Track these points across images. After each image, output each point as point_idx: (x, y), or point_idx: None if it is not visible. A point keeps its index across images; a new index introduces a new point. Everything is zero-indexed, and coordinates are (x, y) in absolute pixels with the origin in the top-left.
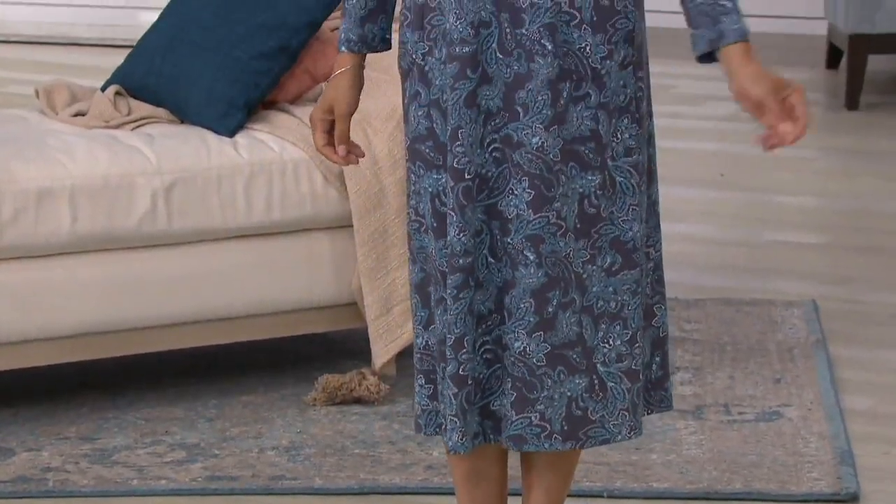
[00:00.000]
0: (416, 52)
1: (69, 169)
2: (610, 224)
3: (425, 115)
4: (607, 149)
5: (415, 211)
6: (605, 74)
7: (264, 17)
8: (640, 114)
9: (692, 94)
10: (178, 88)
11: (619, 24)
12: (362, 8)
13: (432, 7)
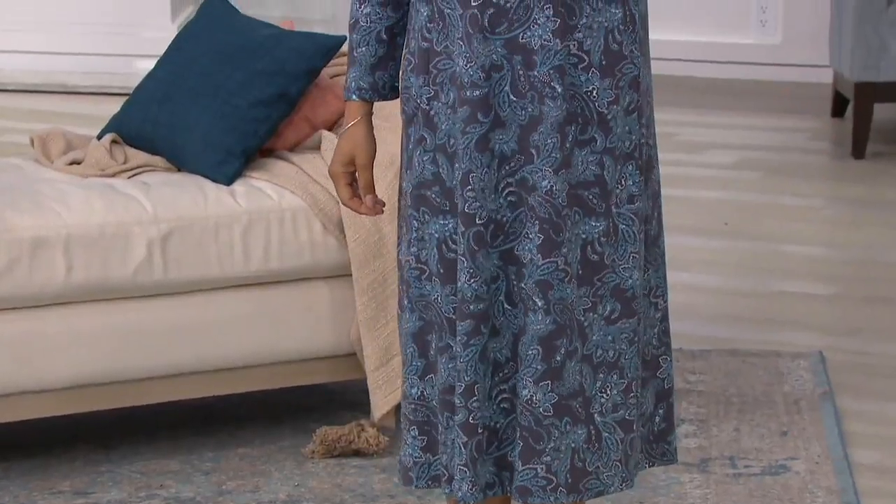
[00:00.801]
0: (421, 96)
1: (64, 218)
2: (612, 272)
3: (431, 160)
4: (612, 195)
5: (415, 258)
6: (612, 119)
7: (263, 63)
8: (643, 161)
9: (695, 142)
10: (175, 136)
11: (625, 69)
12: (372, 55)
13: (438, 51)
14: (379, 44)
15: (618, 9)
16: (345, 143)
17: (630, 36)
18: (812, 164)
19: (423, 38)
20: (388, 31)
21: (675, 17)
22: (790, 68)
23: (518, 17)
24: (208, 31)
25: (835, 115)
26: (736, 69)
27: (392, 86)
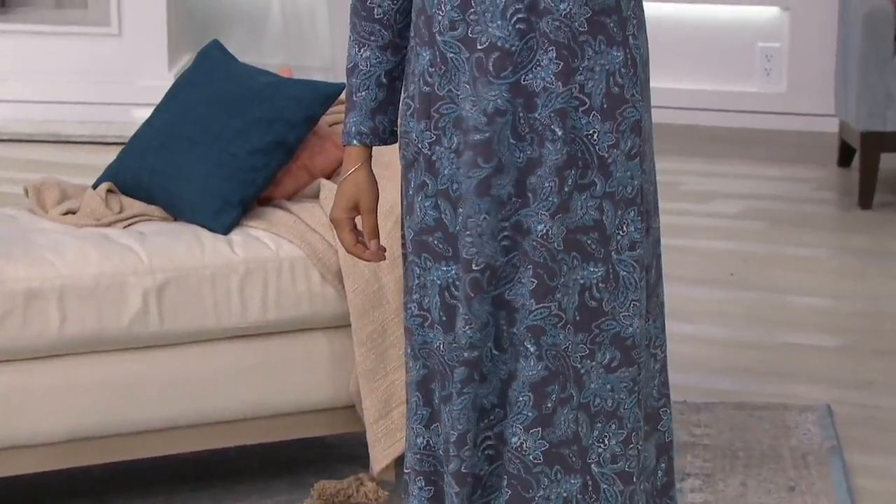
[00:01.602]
0: (422, 141)
1: (58, 268)
2: (612, 319)
3: (433, 205)
4: (611, 241)
5: (418, 305)
6: (612, 163)
7: (261, 111)
8: (645, 207)
9: (699, 192)
10: (172, 185)
11: (626, 112)
12: (373, 100)
13: (440, 95)
14: (379, 88)
15: (619, 52)
16: (347, 188)
17: (631, 79)
18: (818, 214)
19: (425, 82)
20: (387, 76)
21: (679, 65)
22: (795, 117)
23: (522, 60)
24: (206, 79)
25: (841, 164)
26: (740, 118)
27: (392, 130)
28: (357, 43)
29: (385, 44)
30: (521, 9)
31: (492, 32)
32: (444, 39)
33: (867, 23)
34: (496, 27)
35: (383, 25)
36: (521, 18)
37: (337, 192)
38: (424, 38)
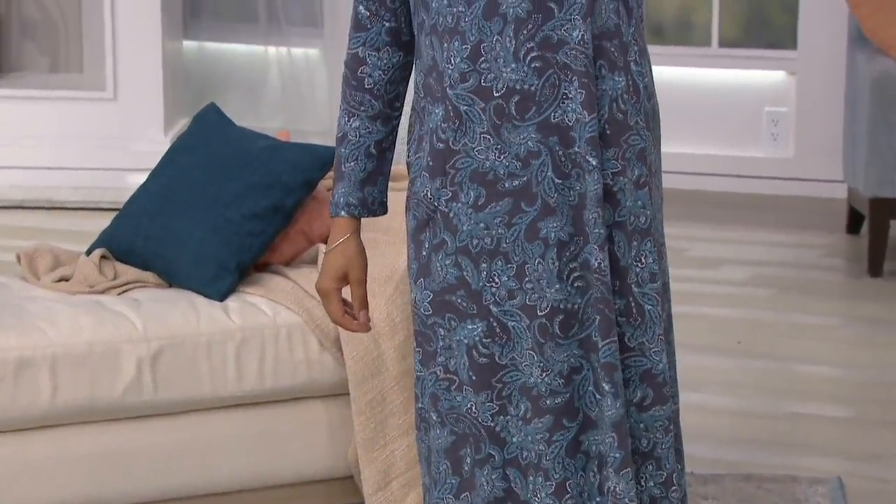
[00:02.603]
0: (438, 199)
1: (50, 337)
2: (641, 356)
3: (453, 263)
4: (629, 273)
5: (444, 368)
6: (619, 191)
7: (258, 175)
8: (658, 239)
9: (706, 258)
10: (167, 250)
11: (631, 140)
12: (361, 170)
13: (455, 150)
14: (368, 158)
15: (621, 77)
16: (336, 258)
17: (634, 106)
18: (827, 281)
19: (438, 139)
20: (377, 146)
21: (685, 129)
22: (803, 183)
23: (545, 97)
24: (202, 143)
25: (850, 231)
26: (748, 183)
27: (381, 202)
28: (347, 112)
29: (375, 114)
30: (533, 47)
31: (507, 77)
32: (455, 93)
33: (875, 87)
34: (511, 70)
35: (373, 95)
36: (536, 56)
37: (324, 263)
38: (436, 95)
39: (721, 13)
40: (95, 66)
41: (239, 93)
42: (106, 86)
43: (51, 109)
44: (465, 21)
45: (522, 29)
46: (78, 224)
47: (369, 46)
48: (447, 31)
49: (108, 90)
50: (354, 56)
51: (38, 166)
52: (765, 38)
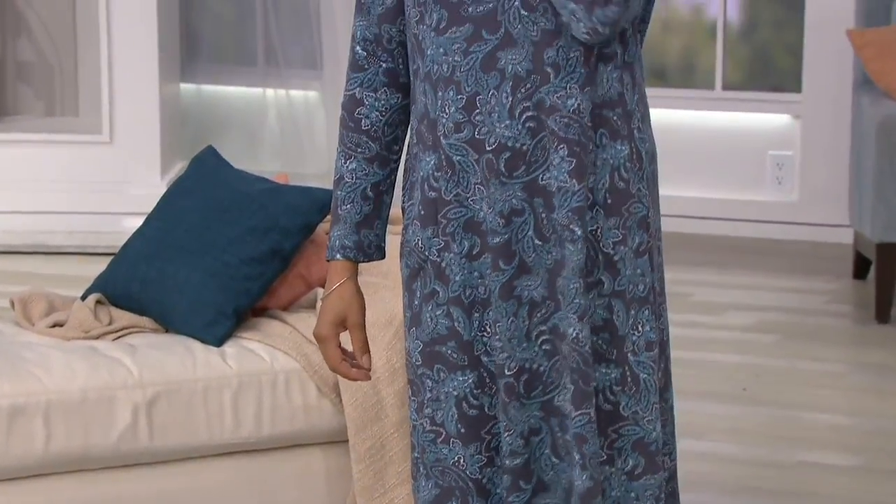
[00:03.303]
0: (430, 248)
1: (44, 383)
2: (634, 424)
3: (444, 314)
4: (626, 341)
5: (430, 420)
6: (619, 261)
7: (256, 219)
8: (657, 306)
9: (710, 303)
10: (163, 295)
11: (633, 208)
12: (357, 213)
13: (447, 200)
14: (364, 201)
15: (624, 146)
16: (333, 303)
17: (637, 174)
18: (833, 327)
19: (430, 187)
20: (374, 189)
21: (689, 172)
22: (808, 227)
23: (536, 158)
24: (199, 186)
25: (856, 276)
26: (752, 227)
27: (378, 245)
28: (344, 154)
29: (372, 156)
30: (529, 107)
31: (500, 132)
32: (449, 142)
33: (881, 131)
34: (504, 127)
35: (370, 137)
36: (531, 116)
37: (322, 308)
38: (428, 143)
39: (724, 56)
40: (91, 109)
41: (237, 135)
42: (102, 129)
43: (46, 153)
44: (461, 72)
45: (520, 87)
46: (73, 269)
47: (366, 87)
48: (442, 79)
49: (104, 133)
50: (351, 97)
51: (33, 211)
52: (769, 81)
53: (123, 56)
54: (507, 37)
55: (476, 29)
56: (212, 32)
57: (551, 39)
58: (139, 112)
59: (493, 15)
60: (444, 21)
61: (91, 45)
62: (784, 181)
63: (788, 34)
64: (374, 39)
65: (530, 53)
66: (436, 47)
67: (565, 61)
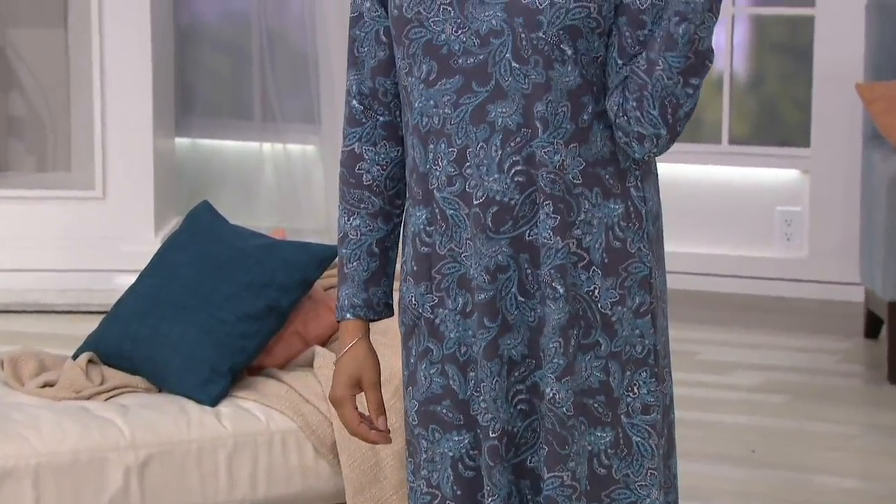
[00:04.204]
0: (423, 305)
1: (34, 445)
2: (625, 488)
3: (439, 372)
4: (620, 403)
5: (426, 482)
6: (617, 322)
7: (252, 275)
8: (658, 368)
9: (717, 362)
10: (157, 353)
11: (632, 268)
12: (365, 270)
13: (441, 255)
14: (371, 257)
15: (618, 204)
16: (347, 364)
17: (636, 233)
18: (844, 388)
19: (423, 242)
20: (379, 244)
21: (696, 228)
22: (818, 285)
23: (524, 213)
24: (194, 242)
25: (868, 335)
26: (760, 285)
27: (386, 303)
28: (346, 212)
29: (375, 211)
30: (518, 161)
31: (488, 186)
32: (442, 196)
33: (892, 186)
34: (493, 181)
35: (373, 192)
36: (521, 171)
37: (336, 370)
38: (418, 198)
39: (731, 109)
40: (84, 164)
41: (233, 190)
42: (95, 184)
43: (37, 209)
44: (452, 124)
45: (510, 141)
46: (64, 328)
47: (365, 142)
48: (433, 132)
49: (96, 189)
50: (351, 153)
51: (24, 268)
52: (777, 136)
53: (117, 110)
54: (498, 89)
55: (466, 81)
56: (207, 86)
57: (541, 93)
58: (133, 167)
59: (483, 67)
60: (433, 73)
61: (84, 98)
62: (793, 237)
63: (796, 87)
64: (369, 93)
65: (521, 106)
66: (425, 99)
67: (553, 116)
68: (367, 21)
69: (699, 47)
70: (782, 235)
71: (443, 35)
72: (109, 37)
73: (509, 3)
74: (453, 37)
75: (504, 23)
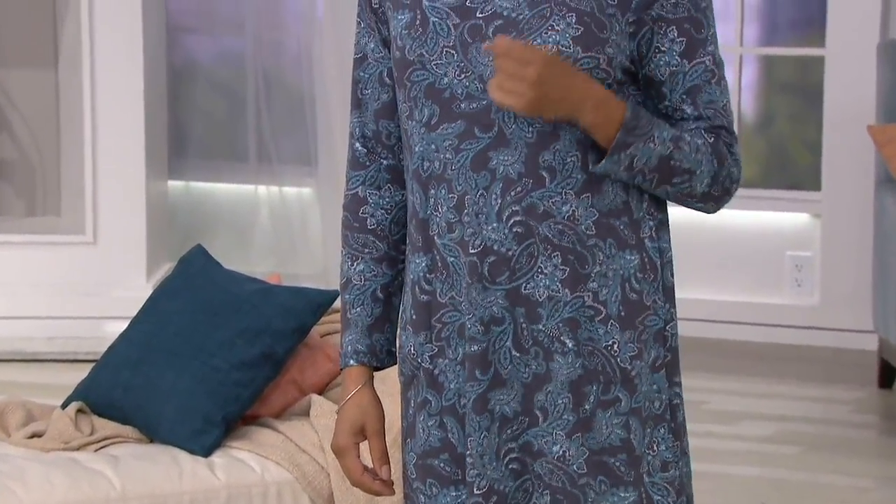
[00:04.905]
0: (422, 354)
1: (21, 498)
2: None
3: (437, 424)
4: (642, 462)
5: None
6: (636, 376)
7: (247, 321)
8: (676, 424)
9: (727, 412)
10: (148, 402)
11: (648, 321)
12: (368, 316)
13: (442, 303)
14: (375, 303)
15: (633, 255)
16: (350, 411)
17: (651, 284)
18: (858, 439)
19: (423, 290)
20: (383, 290)
21: (704, 274)
22: (830, 332)
23: (521, 266)
24: (187, 287)
25: (882, 385)
26: (770, 332)
27: (389, 350)
28: (350, 257)
29: (380, 256)
30: (518, 211)
31: (486, 235)
32: (443, 242)
33: None
34: (491, 230)
35: (377, 237)
36: (519, 221)
37: (339, 418)
38: (418, 244)
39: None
40: (74, 208)
41: (227, 234)
42: (85, 229)
43: (26, 254)
44: (452, 169)
45: (510, 190)
46: (53, 377)
47: (369, 185)
48: (434, 177)
49: (87, 233)
50: (354, 196)
51: (11, 316)
52: (787, 179)
53: (108, 152)
54: (501, 136)
55: (468, 126)
56: (201, 127)
57: (548, 142)
58: (124, 211)
59: (486, 112)
60: (435, 117)
61: (74, 141)
62: (804, 283)
63: (806, 129)
64: (372, 136)
65: (524, 155)
66: (426, 144)
67: (562, 166)
68: (371, 62)
69: (725, 187)
70: (793, 281)
71: (445, 78)
72: (101, 77)
73: None
74: (456, 81)
75: None
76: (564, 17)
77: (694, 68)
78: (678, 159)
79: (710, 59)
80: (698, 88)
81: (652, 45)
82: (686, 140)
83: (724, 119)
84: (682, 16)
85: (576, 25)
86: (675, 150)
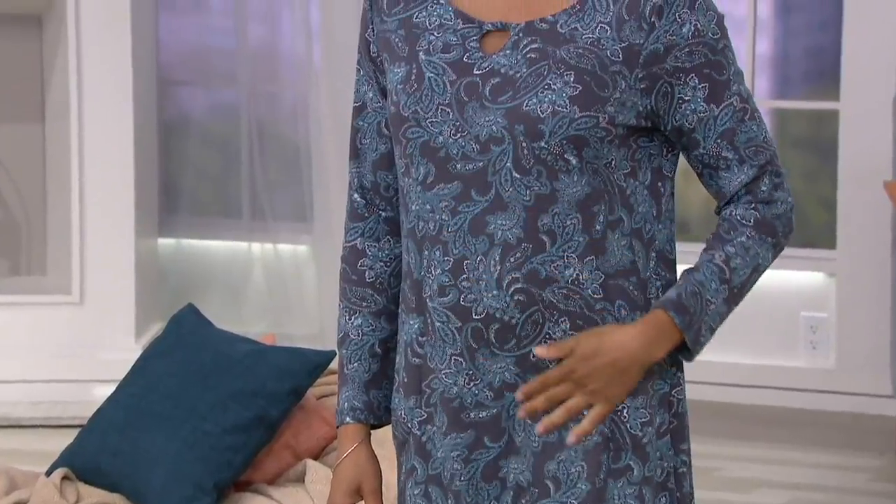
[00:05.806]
0: (412, 419)
1: None
2: None
3: (422, 493)
4: None
5: None
6: (648, 444)
7: (240, 383)
8: (682, 493)
9: (739, 479)
10: (137, 469)
11: (656, 385)
12: (366, 372)
13: (432, 368)
14: (373, 358)
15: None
16: (347, 470)
17: None
18: None
19: (414, 353)
20: (381, 345)
21: (715, 336)
22: (846, 397)
23: (527, 333)
24: (178, 348)
25: None
26: (785, 396)
27: (387, 407)
28: (348, 310)
29: (378, 310)
30: (518, 278)
31: (487, 303)
32: (433, 306)
33: None
34: (492, 297)
35: (376, 290)
36: (520, 289)
37: (335, 476)
38: (411, 305)
39: None
40: (60, 267)
41: (220, 293)
42: (71, 289)
43: (9, 316)
44: (449, 231)
45: (510, 256)
46: (38, 443)
47: (368, 237)
48: (429, 237)
49: (73, 293)
50: (353, 249)
51: None
52: (800, 237)
53: (96, 209)
54: (498, 199)
55: (465, 188)
56: (193, 183)
57: (546, 205)
58: (112, 269)
59: (483, 175)
60: (431, 176)
61: (61, 197)
62: (819, 346)
63: (821, 186)
64: (370, 187)
65: (522, 220)
66: (422, 203)
67: (561, 229)
68: (370, 112)
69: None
70: (807, 343)
71: (440, 137)
72: (89, 131)
73: (510, 110)
74: (451, 140)
75: (504, 129)
76: (562, 76)
77: (723, 112)
78: (739, 281)
79: (736, 98)
80: (732, 131)
81: (674, 98)
82: (731, 253)
83: (766, 153)
84: (699, 62)
85: (574, 84)
86: (732, 278)
